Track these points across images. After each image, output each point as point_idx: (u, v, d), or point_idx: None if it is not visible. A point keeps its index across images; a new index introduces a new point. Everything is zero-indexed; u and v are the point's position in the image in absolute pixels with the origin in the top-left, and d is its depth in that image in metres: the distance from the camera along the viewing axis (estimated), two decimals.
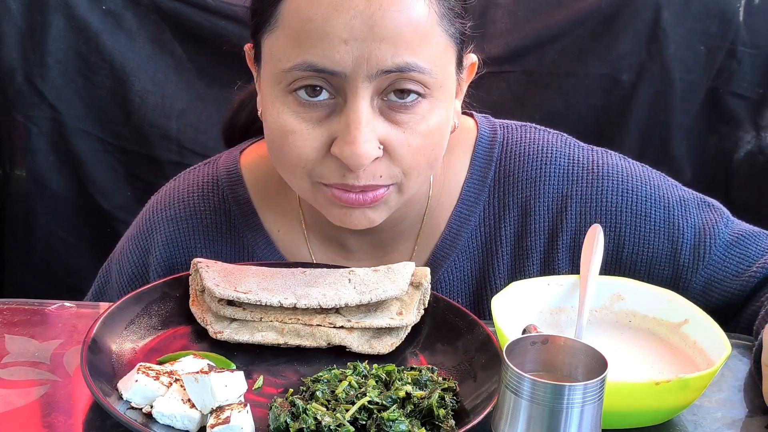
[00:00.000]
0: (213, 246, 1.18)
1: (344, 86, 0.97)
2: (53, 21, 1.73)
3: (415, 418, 0.89)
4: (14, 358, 1.00)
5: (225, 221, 1.18)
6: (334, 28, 0.94)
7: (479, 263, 1.17)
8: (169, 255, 1.19)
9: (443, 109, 1.03)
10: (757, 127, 1.80)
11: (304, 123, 1.00)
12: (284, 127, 1.00)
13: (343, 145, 0.98)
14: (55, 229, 1.85)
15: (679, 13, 1.74)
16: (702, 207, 1.18)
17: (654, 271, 1.16)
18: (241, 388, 0.89)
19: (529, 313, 1.05)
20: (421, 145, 1.02)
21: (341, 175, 1.01)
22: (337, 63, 0.95)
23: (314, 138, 1.00)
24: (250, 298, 1.02)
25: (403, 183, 1.04)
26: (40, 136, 1.79)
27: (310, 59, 0.96)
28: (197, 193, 1.20)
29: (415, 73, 0.97)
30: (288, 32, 0.97)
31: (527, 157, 1.16)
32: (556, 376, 0.82)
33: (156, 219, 1.20)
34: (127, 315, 1.03)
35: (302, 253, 1.19)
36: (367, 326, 1.03)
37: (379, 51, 0.95)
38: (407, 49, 0.96)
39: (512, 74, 1.80)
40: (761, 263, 1.14)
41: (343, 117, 0.98)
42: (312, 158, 1.01)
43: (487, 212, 1.16)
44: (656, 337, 1.06)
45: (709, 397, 0.98)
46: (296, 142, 1.00)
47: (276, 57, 0.99)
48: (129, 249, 1.23)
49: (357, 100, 0.97)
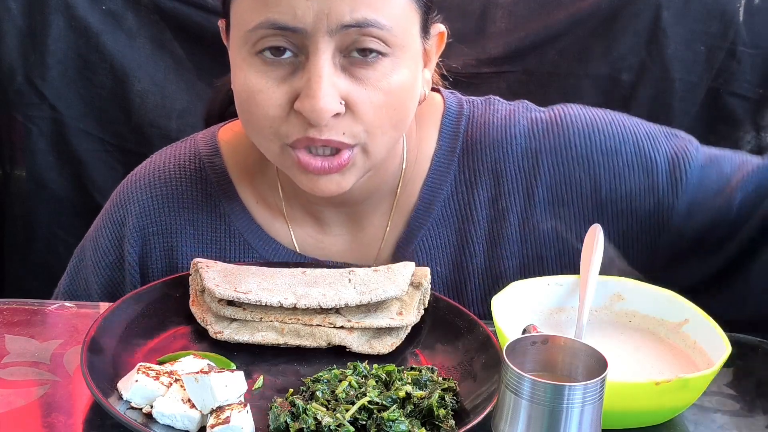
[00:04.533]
0: (188, 214, 1.18)
1: (306, 43, 1.00)
2: (53, 21, 1.73)
3: (415, 418, 0.89)
4: (14, 358, 1.00)
5: (201, 189, 1.19)
6: None
7: (455, 230, 1.18)
8: (143, 224, 1.19)
9: (406, 69, 1.05)
10: (757, 127, 1.79)
11: (268, 81, 1.02)
12: (250, 87, 1.03)
13: (304, 99, 1.00)
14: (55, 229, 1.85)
15: (679, 13, 1.74)
16: (669, 136, 1.20)
17: (635, 204, 1.17)
18: (241, 388, 0.89)
19: (529, 313, 1.05)
20: (383, 103, 1.03)
21: (304, 130, 1.02)
22: (298, 19, 0.98)
23: (278, 96, 1.02)
24: (250, 298, 1.02)
25: (367, 144, 1.05)
26: (40, 136, 1.79)
27: (272, 17, 0.98)
28: (173, 162, 1.21)
29: (375, 29, 1.00)
30: None
31: (492, 124, 1.19)
32: (556, 376, 0.82)
33: (131, 189, 1.21)
34: (127, 315, 1.03)
35: (279, 225, 1.20)
36: (367, 326, 1.03)
37: (339, 6, 0.97)
38: (367, 5, 0.99)
39: (512, 74, 1.80)
40: (740, 177, 1.16)
41: (305, 73, 1.01)
42: (277, 116, 1.03)
43: (459, 180, 1.18)
44: (656, 337, 1.06)
45: (709, 397, 0.98)
46: (261, 101, 1.02)
47: (242, 20, 1.02)
48: (103, 223, 1.22)
49: (318, 55, 0.99)
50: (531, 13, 1.77)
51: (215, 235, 1.19)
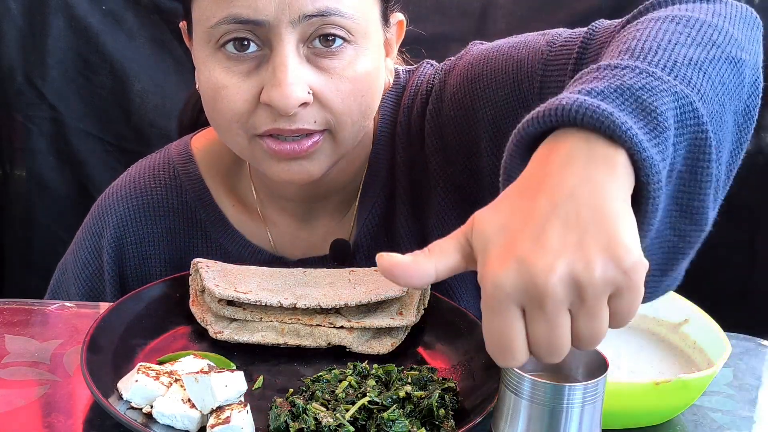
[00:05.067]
0: (164, 222, 1.19)
1: (269, 35, 1.00)
2: (53, 21, 1.73)
3: (415, 418, 0.89)
4: (14, 358, 1.00)
5: (176, 197, 1.20)
6: None
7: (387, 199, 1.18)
8: (119, 234, 1.20)
9: (370, 57, 1.05)
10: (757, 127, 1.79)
11: (234, 77, 1.02)
12: (216, 84, 1.03)
13: (270, 89, 1.00)
14: (55, 229, 1.85)
15: None
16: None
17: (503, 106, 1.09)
18: (241, 388, 0.89)
19: None
20: (350, 91, 1.04)
21: (273, 120, 1.02)
22: (260, 11, 0.98)
23: (245, 90, 1.02)
24: (250, 298, 1.02)
25: (336, 130, 1.05)
26: (40, 136, 1.79)
27: (234, 11, 0.98)
28: (148, 174, 1.22)
29: (337, 17, 1.00)
30: None
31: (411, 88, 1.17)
32: (556, 376, 0.82)
33: (108, 202, 1.22)
34: (127, 315, 1.03)
35: (256, 226, 1.20)
36: (367, 326, 1.03)
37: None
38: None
39: None
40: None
41: (270, 64, 1.01)
42: (244, 110, 1.03)
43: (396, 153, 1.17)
44: (656, 337, 1.06)
45: (709, 397, 0.98)
46: (228, 96, 1.02)
47: (204, 17, 1.02)
48: (82, 235, 1.24)
49: (282, 45, 0.99)
50: (531, 13, 1.77)
51: (192, 242, 1.20)
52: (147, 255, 1.20)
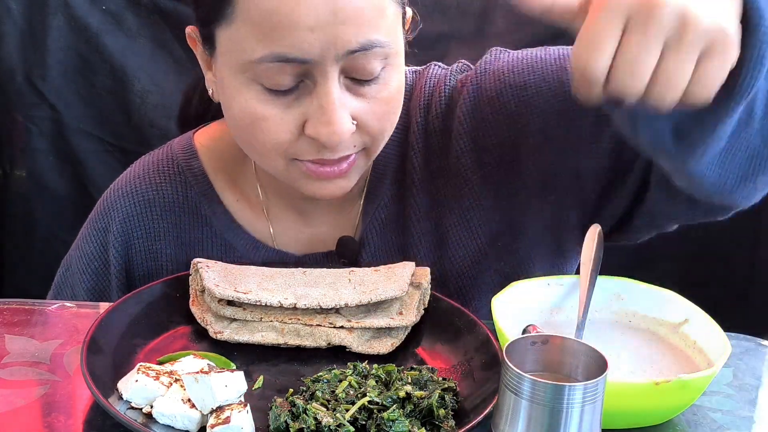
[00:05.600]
0: (170, 217, 1.19)
1: (312, 70, 0.99)
2: (53, 21, 1.73)
3: (415, 418, 0.89)
4: (14, 358, 1.00)
5: (181, 191, 1.20)
6: (299, 17, 0.94)
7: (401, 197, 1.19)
8: (126, 229, 1.20)
9: (399, 72, 1.06)
10: None
11: (274, 109, 1.01)
12: (254, 114, 1.02)
13: (319, 126, 1.00)
14: (55, 229, 1.85)
15: None
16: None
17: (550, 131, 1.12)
18: (241, 388, 0.89)
19: (529, 313, 1.05)
20: (385, 111, 1.05)
21: (317, 151, 1.03)
22: (306, 51, 0.96)
23: (287, 122, 1.01)
24: (250, 298, 1.02)
25: (370, 147, 1.07)
26: (40, 136, 1.79)
27: (279, 50, 0.96)
28: (152, 169, 1.22)
29: (378, 48, 0.99)
30: (250, 25, 0.97)
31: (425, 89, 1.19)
32: (556, 376, 0.82)
33: (113, 198, 1.22)
34: (127, 315, 1.03)
35: (260, 223, 1.21)
36: (367, 326, 1.03)
37: (344, 33, 0.96)
38: (369, 27, 0.98)
39: None
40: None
41: (315, 99, 1.00)
42: (287, 140, 1.03)
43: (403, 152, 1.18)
44: (656, 337, 1.06)
45: (709, 397, 0.98)
46: (269, 127, 1.02)
47: (239, 48, 0.99)
48: (87, 231, 1.24)
49: (327, 82, 0.99)
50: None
51: (197, 236, 1.19)
52: (153, 250, 1.19)
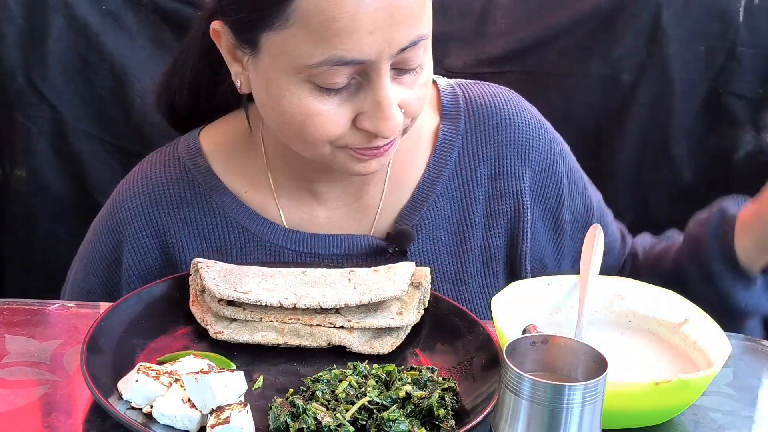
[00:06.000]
0: (180, 213, 1.20)
1: (366, 69, 1.01)
2: (53, 21, 1.73)
3: (415, 418, 0.89)
4: (14, 358, 1.00)
5: (189, 189, 1.21)
6: (360, 23, 0.97)
7: (458, 203, 1.24)
8: (137, 228, 1.20)
9: (430, 52, 1.09)
10: (757, 128, 1.79)
11: (327, 104, 1.03)
12: (308, 112, 1.04)
13: (376, 122, 1.04)
14: (55, 229, 1.85)
15: (679, 13, 1.74)
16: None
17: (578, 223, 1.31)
18: (241, 388, 0.89)
19: (529, 313, 1.05)
20: (423, 95, 1.09)
21: (368, 141, 1.07)
22: (365, 53, 0.99)
23: (341, 116, 1.04)
24: (250, 298, 1.02)
25: (408, 126, 1.11)
26: (40, 136, 1.79)
27: (339, 54, 0.99)
28: (159, 168, 1.23)
29: (423, 40, 1.03)
30: (307, 31, 0.98)
31: (493, 108, 1.26)
32: (556, 376, 0.82)
33: (122, 197, 1.23)
34: (127, 315, 1.03)
35: (271, 210, 1.22)
36: (367, 326, 1.03)
37: (398, 33, 1.00)
38: (418, 23, 1.02)
39: (512, 74, 1.80)
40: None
41: (369, 95, 1.03)
42: (339, 133, 1.06)
43: (462, 157, 1.24)
44: (656, 337, 1.06)
45: (709, 397, 0.98)
46: (323, 123, 1.04)
47: (294, 53, 1.01)
48: (99, 229, 1.25)
49: (381, 80, 1.02)
50: (531, 13, 1.77)
51: (212, 228, 1.20)
52: (168, 245, 1.20)
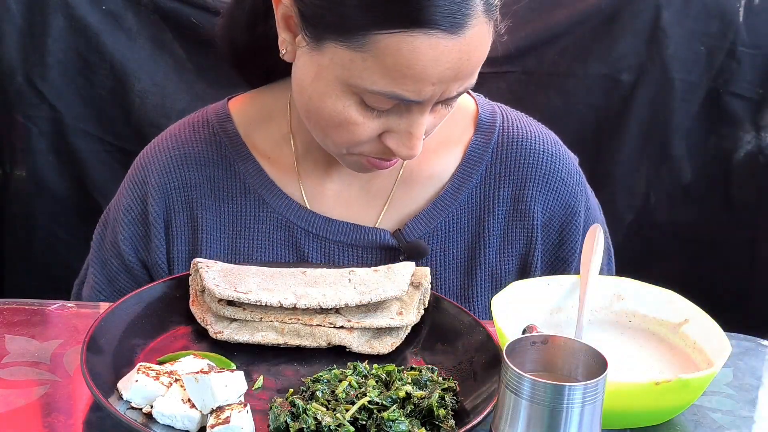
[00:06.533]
0: (205, 171, 1.23)
1: (413, 104, 1.04)
2: (53, 21, 1.73)
3: (415, 418, 0.89)
4: (14, 358, 1.00)
5: (216, 150, 1.24)
6: (429, 76, 1.00)
7: (476, 219, 1.24)
8: (164, 180, 1.23)
9: None
10: (757, 128, 1.80)
11: (365, 117, 1.06)
12: (347, 120, 1.06)
13: (401, 145, 1.07)
14: (55, 229, 1.85)
15: (679, 13, 1.74)
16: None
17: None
18: (241, 388, 0.89)
19: (529, 313, 1.05)
20: (441, 120, 1.11)
21: (384, 154, 1.10)
22: (420, 97, 1.02)
23: (371, 129, 1.07)
24: (250, 298, 1.02)
25: None
26: (40, 136, 1.79)
27: (400, 93, 1.02)
28: (188, 129, 1.26)
29: (469, 88, 1.07)
30: (380, 64, 1.00)
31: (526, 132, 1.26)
32: (556, 376, 0.82)
33: (150, 153, 1.26)
34: (127, 315, 1.03)
35: (290, 181, 1.23)
36: (367, 326, 1.03)
37: (455, 86, 1.05)
38: (471, 76, 1.05)
39: (512, 74, 1.80)
40: None
41: (404, 121, 1.06)
42: (364, 142, 1.08)
43: (489, 173, 1.24)
44: (656, 337, 1.06)
45: (709, 397, 0.98)
46: (355, 131, 1.07)
47: (356, 74, 1.02)
48: (126, 185, 1.27)
49: (423, 116, 1.06)
50: (531, 13, 1.77)
51: (231, 192, 1.23)
52: (191, 199, 1.22)
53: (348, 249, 1.21)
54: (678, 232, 1.88)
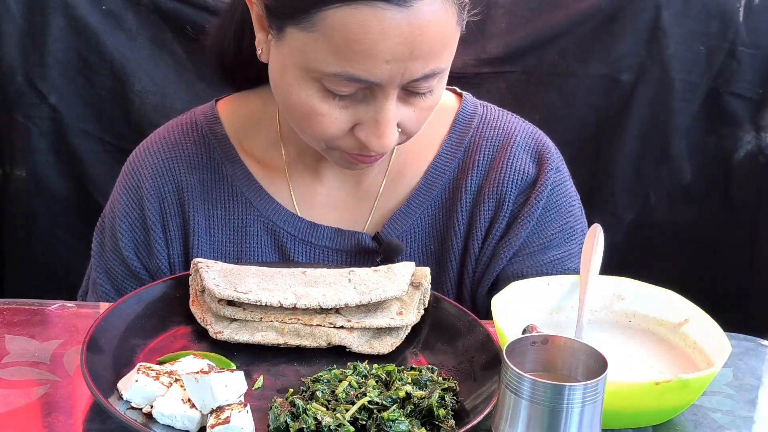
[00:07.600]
0: (196, 174, 1.23)
1: (375, 88, 1.03)
2: (53, 21, 1.73)
3: (415, 418, 0.89)
4: (14, 358, 1.00)
5: (205, 152, 1.24)
6: (380, 51, 0.99)
7: (447, 211, 1.24)
8: (158, 183, 1.23)
9: (444, 80, 1.10)
10: (757, 128, 1.79)
11: (331, 108, 1.05)
12: (312, 110, 1.05)
13: (371, 137, 1.06)
14: (55, 229, 1.85)
15: (679, 13, 1.74)
16: None
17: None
18: (241, 388, 0.89)
19: (529, 313, 1.05)
20: (424, 117, 1.10)
21: (360, 149, 1.09)
22: (377, 77, 1.01)
23: (341, 121, 1.06)
24: (250, 298, 1.02)
25: (402, 141, 1.13)
26: (40, 136, 1.79)
27: (352, 72, 1.00)
28: (176, 131, 1.26)
29: (437, 74, 1.05)
30: (329, 42, 1.00)
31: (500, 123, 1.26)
32: (556, 376, 0.82)
33: (141, 156, 1.26)
34: (127, 315, 1.03)
35: (279, 183, 1.24)
36: (367, 326, 1.03)
37: (414, 66, 1.01)
38: (436, 59, 1.03)
39: (512, 74, 1.80)
40: None
41: (371, 110, 1.05)
42: (336, 136, 1.08)
43: (461, 169, 1.24)
44: (656, 337, 1.06)
45: (709, 397, 0.98)
46: (323, 122, 1.06)
47: (311, 56, 1.02)
48: (120, 191, 1.26)
49: (387, 101, 1.04)
50: (531, 13, 1.77)
51: (219, 195, 1.23)
52: (183, 201, 1.23)
53: (332, 253, 1.22)
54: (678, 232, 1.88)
